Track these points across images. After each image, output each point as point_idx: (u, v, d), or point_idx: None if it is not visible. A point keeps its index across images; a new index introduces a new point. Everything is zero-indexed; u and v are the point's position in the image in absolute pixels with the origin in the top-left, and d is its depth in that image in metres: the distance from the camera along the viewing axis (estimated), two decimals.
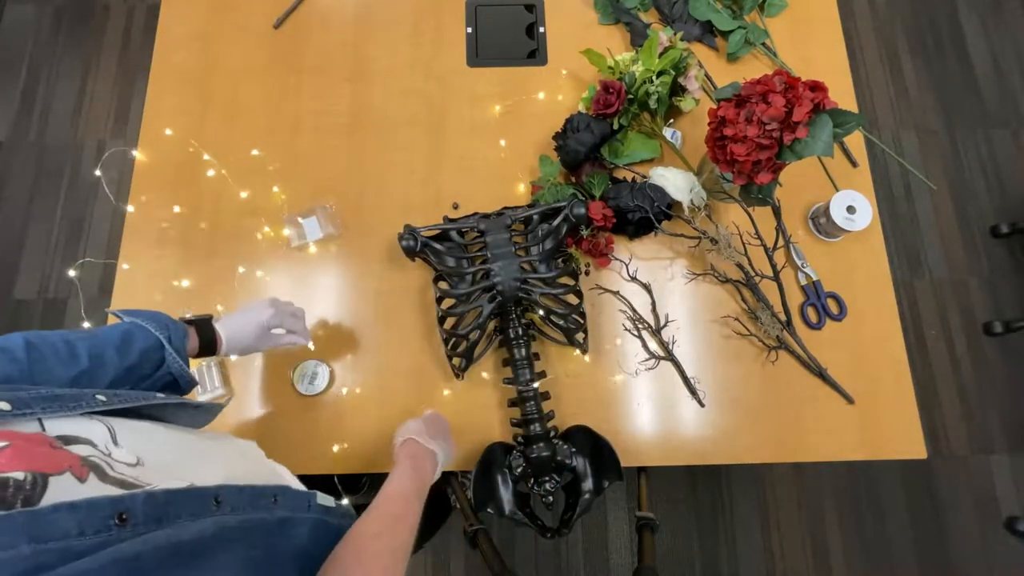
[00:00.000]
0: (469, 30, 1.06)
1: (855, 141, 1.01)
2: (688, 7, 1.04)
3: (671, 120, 0.99)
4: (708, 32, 1.05)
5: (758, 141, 0.72)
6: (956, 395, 1.69)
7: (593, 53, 0.96)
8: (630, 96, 0.93)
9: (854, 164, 0.99)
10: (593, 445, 0.83)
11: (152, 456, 0.43)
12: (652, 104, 0.93)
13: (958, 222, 1.84)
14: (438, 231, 0.87)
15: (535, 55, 1.05)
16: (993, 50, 2.01)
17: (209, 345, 0.70)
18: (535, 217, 0.87)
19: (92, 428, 0.41)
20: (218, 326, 0.71)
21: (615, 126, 0.95)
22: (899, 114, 1.94)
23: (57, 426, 0.39)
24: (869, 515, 1.60)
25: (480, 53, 1.05)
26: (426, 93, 1.02)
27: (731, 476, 1.62)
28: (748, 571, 1.55)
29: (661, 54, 0.92)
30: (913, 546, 1.58)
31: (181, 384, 0.66)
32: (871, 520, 1.60)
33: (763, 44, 1.04)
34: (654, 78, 0.92)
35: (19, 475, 0.31)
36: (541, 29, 1.06)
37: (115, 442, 0.42)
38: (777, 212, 0.84)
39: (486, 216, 0.88)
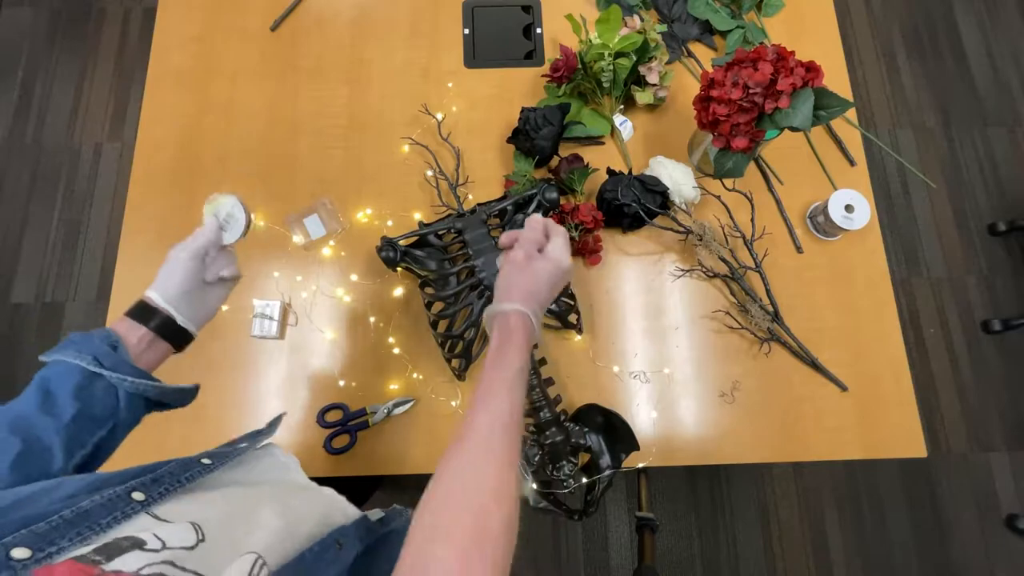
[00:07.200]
0: (466, 31, 1.06)
1: (853, 140, 1.01)
2: (687, 6, 1.04)
3: (622, 107, 0.99)
4: (707, 32, 1.05)
5: (740, 103, 0.74)
6: (955, 393, 1.70)
7: (573, 19, 0.94)
8: (582, 67, 0.92)
9: (852, 163, 0.99)
10: (605, 420, 0.82)
11: (211, 528, 0.36)
12: (604, 83, 0.91)
13: (956, 220, 1.85)
14: (416, 237, 0.87)
15: (532, 56, 1.05)
16: (989, 47, 2.01)
17: (168, 328, 0.56)
18: (509, 208, 0.87)
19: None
20: (153, 295, 0.57)
21: (560, 93, 0.93)
22: (896, 113, 1.95)
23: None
24: (869, 514, 1.60)
25: (477, 54, 1.05)
26: (423, 95, 1.02)
27: (731, 476, 1.62)
28: (748, 571, 1.55)
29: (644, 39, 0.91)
30: (913, 544, 1.58)
31: (166, 401, 0.54)
32: (871, 519, 1.60)
33: (761, 44, 1.04)
34: (606, 55, 0.90)
35: None
36: (538, 30, 1.06)
37: (159, 518, 0.36)
38: (751, 201, 0.85)
39: (461, 215, 0.88)
